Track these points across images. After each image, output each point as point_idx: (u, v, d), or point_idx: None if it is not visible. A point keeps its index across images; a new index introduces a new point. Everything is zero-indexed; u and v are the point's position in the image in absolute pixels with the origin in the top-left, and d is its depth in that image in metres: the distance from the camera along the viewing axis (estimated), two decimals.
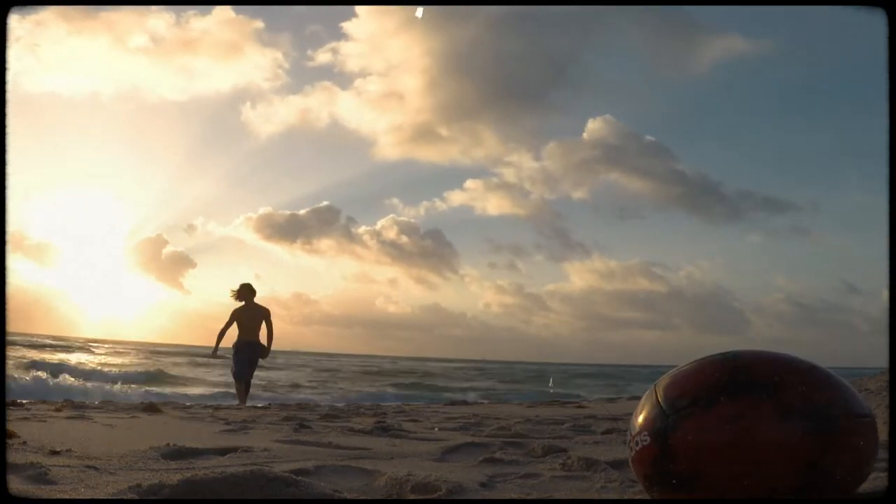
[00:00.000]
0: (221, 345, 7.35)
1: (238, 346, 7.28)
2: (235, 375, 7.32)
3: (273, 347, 7.02)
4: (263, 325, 7.30)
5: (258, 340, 7.30)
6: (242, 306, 7.23)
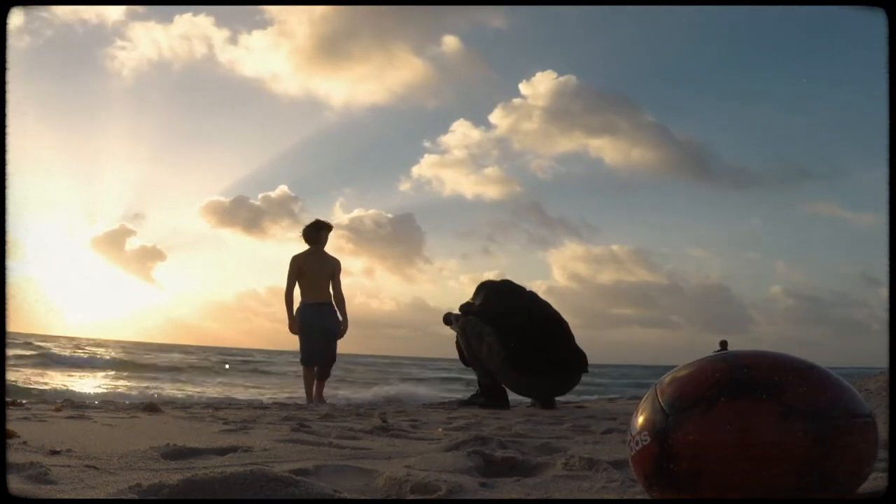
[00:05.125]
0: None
1: (303, 311, 5.08)
2: (304, 359, 5.19)
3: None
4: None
5: (331, 302, 5.17)
6: (307, 252, 5.13)
